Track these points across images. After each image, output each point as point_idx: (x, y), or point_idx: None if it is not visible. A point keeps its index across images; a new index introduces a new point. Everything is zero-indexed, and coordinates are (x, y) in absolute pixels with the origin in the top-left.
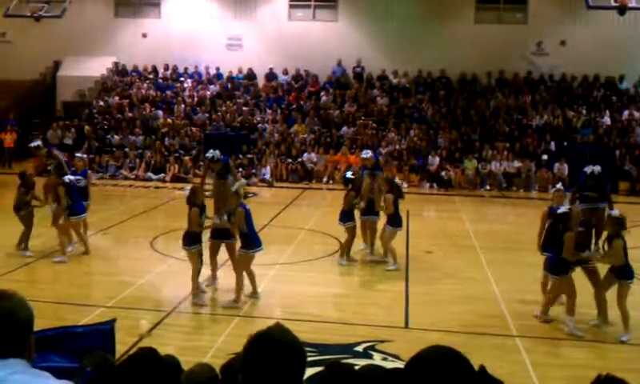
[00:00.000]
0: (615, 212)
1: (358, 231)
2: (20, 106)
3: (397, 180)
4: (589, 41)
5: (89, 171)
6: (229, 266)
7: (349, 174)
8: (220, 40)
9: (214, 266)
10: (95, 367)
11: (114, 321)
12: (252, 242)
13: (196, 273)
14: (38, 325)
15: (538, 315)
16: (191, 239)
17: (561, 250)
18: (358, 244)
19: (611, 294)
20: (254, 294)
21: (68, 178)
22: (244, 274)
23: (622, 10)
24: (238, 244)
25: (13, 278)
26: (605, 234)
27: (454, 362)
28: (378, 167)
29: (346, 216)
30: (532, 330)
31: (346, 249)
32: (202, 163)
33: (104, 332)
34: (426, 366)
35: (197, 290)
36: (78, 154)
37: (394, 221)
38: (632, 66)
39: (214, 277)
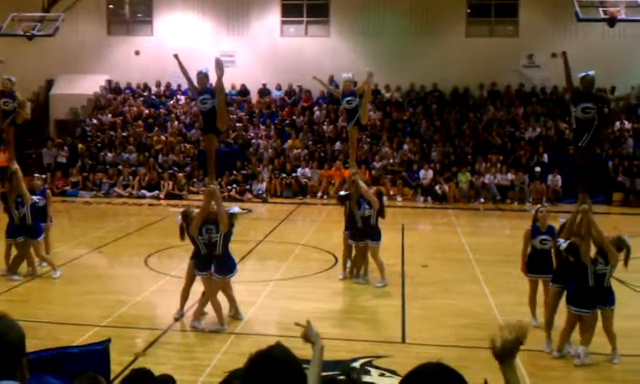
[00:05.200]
0: (626, 238)
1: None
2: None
3: (385, 199)
4: (579, 53)
5: (47, 191)
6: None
7: (342, 192)
8: (213, 56)
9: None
10: None
11: (108, 341)
12: (230, 266)
13: (208, 299)
14: (32, 345)
15: (554, 355)
16: (199, 263)
17: (581, 281)
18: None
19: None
20: (238, 314)
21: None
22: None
23: (612, 22)
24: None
25: (5, 298)
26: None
27: (448, 378)
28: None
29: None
30: (529, 343)
31: (361, 266)
32: (195, 180)
33: (98, 352)
34: (419, 382)
35: (196, 313)
36: (36, 174)
37: (376, 235)
38: (622, 77)
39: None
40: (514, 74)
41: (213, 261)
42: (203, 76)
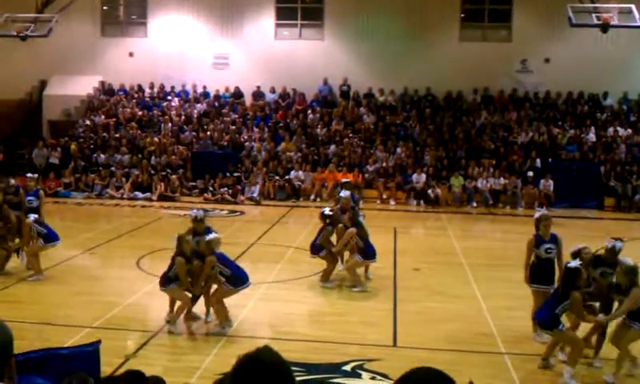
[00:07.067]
0: (628, 261)
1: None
2: (6, 125)
3: (362, 219)
4: (572, 58)
5: (40, 191)
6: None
7: (327, 211)
8: (207, 58)
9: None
10: None
11: (98, 342)
12: (238, 278)
13: (185, 304)
14: (22, 347)
15: (538, 364)
16: (167, 279)
17: (556, 303)
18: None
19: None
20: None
21: (33, 216)
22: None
23: (605, 27)
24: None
25: None
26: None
27: (439, 382)
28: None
29: (317, 248)
30: (520, 347)
31: (329, 275)
32: (192, 183)
33: (88, 353)
34: None
35: (187, 316)
36: (29, 175)
37: (365, 253)
38: (615, 82)
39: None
40: (507, 78)
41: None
42: (199, 221)
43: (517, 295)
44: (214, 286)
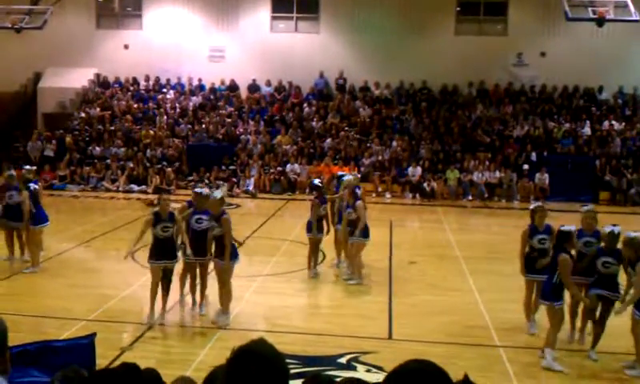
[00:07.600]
0: (629, 233)
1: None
2: (0, 117)
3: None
4: (568, 52)
5: (39, 184)
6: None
7: (317, 181)
8: (202, 51)
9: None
10: (63, 381)
11: (93, 335)
12: (232, 252)
13: (154, 288)
14: (18, 339)
15: (539, 354)
16: (149, 254)
17: (552, 272)
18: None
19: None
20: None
21: (32, 185)
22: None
23: (601, 21)
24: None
25: None
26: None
27: (432, 375)
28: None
29: (311, 226)
30: (515, 340)
31: (310, 262)
32: (191, 178)
33: (84, 346)
34: (403, 381)
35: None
36: (27, 167)
37: (363, 232)
38: (610, 77)
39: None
40: (502, 72)
41: (216, 249)
42: (204, 197)
43: (512, 288)
44: (211, 265)
